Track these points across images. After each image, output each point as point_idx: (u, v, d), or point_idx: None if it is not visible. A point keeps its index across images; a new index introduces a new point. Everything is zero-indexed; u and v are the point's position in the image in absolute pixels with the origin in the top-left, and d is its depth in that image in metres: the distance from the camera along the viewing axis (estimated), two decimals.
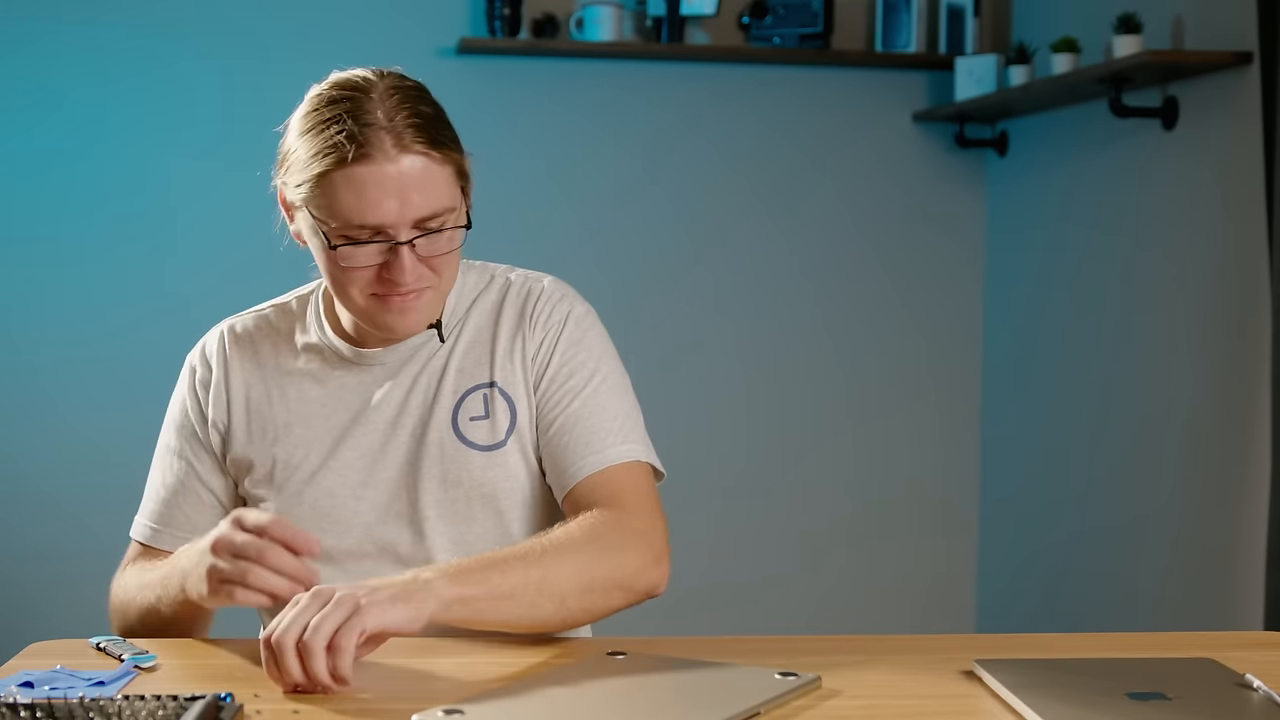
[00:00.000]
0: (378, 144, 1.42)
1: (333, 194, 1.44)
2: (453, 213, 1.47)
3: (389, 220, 1.43)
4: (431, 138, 1.45)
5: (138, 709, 1.09)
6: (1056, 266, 3.45)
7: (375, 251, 1.45)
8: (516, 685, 1.22)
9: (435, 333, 1.58)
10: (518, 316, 1.59)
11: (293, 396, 1.59)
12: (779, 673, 1.25)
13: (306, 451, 1.57)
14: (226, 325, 1.66)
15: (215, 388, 1.61)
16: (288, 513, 1.54)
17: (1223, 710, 1.17)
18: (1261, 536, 2.62)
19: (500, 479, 1.55)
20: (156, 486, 1.63)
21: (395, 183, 1.42)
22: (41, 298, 3.50)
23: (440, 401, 1.56)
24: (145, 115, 3.50)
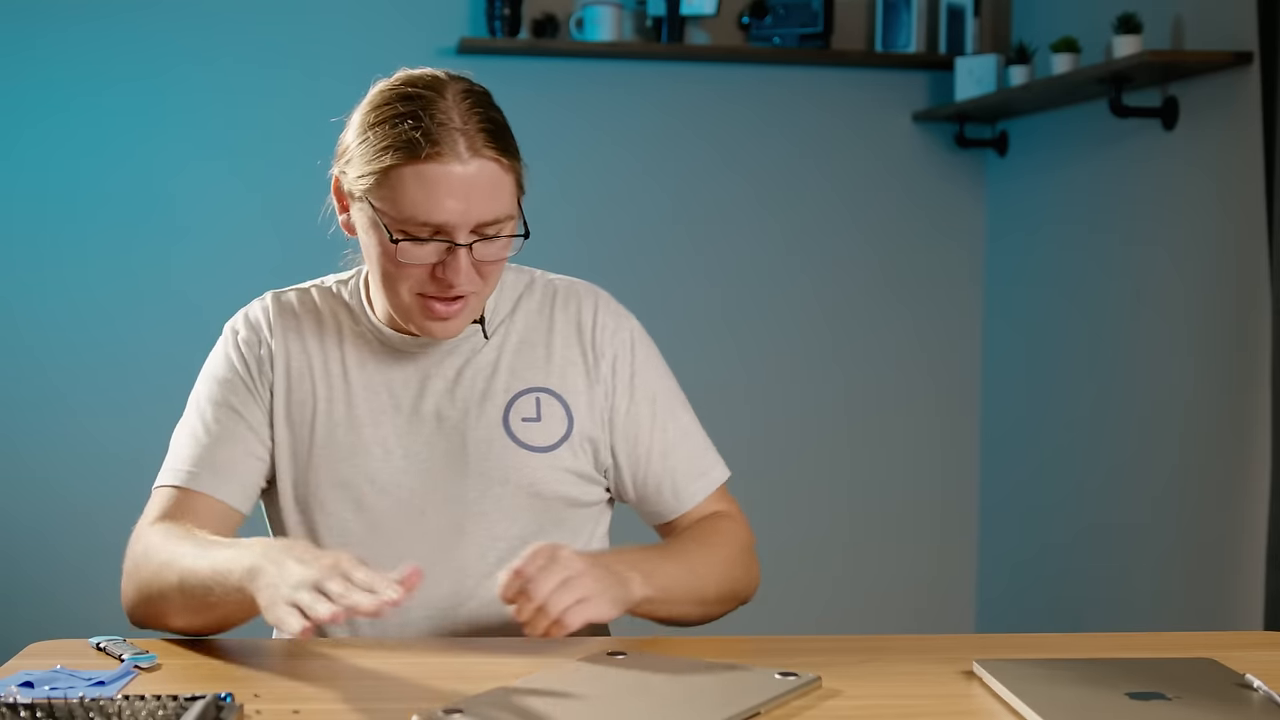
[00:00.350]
0: (450, 144, 1.42)
1: (400, 188, 1.44)
2: (511, 221, 1.48)
3: (452, 220, 1.43)
4: (502, 145, 1.45)
5: (138, 709, 1.09)
6: (1056, 266, 3.45)
7: (433, 250, 1.45)
8: (516, 685, 1.22)
9: (479, 327, 1.59)
10: (574, 325, 1.62)
11: (334, 374, 1.58)
12: (779, 673, 1.25)
13: (346, 431, 1.56)
14: (270, 296, 1.65)
15: (263, 350, 1.60)
16: (326, 490, 1.54)
17: (1223, 710, 1.17)
18: (1261, 536, 2.62)
19: (549, 481, 1.57)
20: (195, 435, 1.58)
21: (463, 185, 1.42)
22: (46, 296, 3.50)
23: (491, 399, 1.57)
24: (148, 115, 3.50)
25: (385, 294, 1.52)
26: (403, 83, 1.49)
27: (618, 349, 1.62)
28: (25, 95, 3.46)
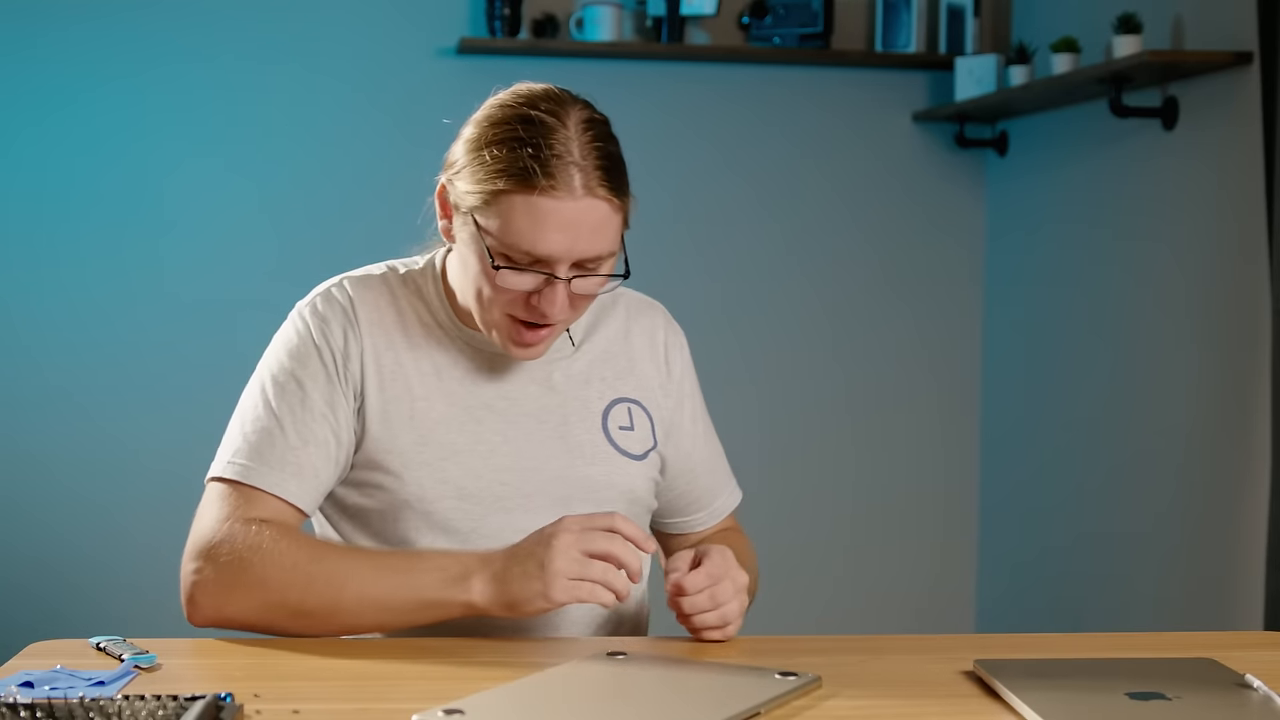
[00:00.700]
0: (566, 180, 1.40)
1: (508, 215, 1.42)
2: (612, 258, 1.48)
3: (556, 254, 1.42)
4: (616, 183, 1.44)
5: (138, 709, 1.09)
6: (1056, 266, 3.45)
7: (531, 280, 1.44)
8: (516, 685, 1.22)
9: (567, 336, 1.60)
10: (648, 338, 1.66)
11: (426, 369, 1.55)
12: (779, 673, 1.25)
13: (448, 428, 1.54)
14: (347, 281, 1.60)
15: (350, 341, 1.54)
16: (429, 488, 1.51)
17: (1223, 710, 1.17)
18: (1261, 537, 2.62)
19: (644, 487, 1.61)
20: (264, 425, 1.50)
21: (573, 222, 1.41)
22: (42, 293, 3.49)
23: (589, 407, 1.59)
24: (146, 114, 3.50)
25: (476, 307, 1.50)
26: (525, 103, 1.46)
27: (683, 365, 1.68)
28: (21, 94, 3.46)
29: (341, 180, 3.57)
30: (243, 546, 1.42)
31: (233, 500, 1.47)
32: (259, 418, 1.51)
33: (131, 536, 3.52)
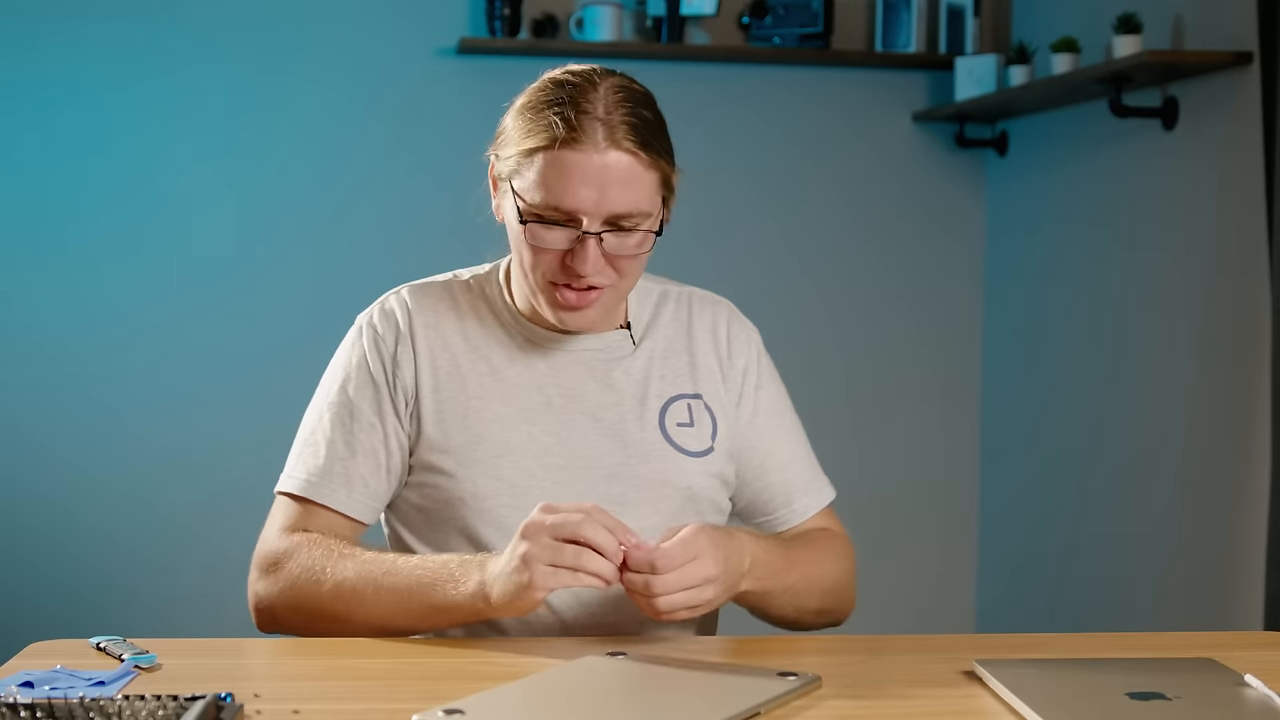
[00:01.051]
0: (590, 132, 1.43)
1: (536, 172, 1.45)
2: (648, 218, 1.48)
3: (583, 208, 1.44)
4: (643, 139, 1.45)
5: (138, 709, 1.09)
6: (1056, 266, 3.45)
7: (563, 237, 1.46)
8: (516, 685, 1.22)
9: (627, 334, 1.60)
10: (710, 334, 1.65)
11: (483, 370, 1.57)
12: (779, 673, 1.25)
13: (502, 426, 1.55)
14: (406, 290, 1.63)
15: (401, 349, 1.57)
16: (482, 486, 1.53)
17: (1223, 710, 1.17)
18: (1261, 537, 2.62)
19: (703, 486, 1.60)
20: (323, 441, 1.55)
21: (598, 174, 1.43)
22: (47, 292, 3.49)
23: (647, 404, 1.59)
24: (147, 116, 3.50)
25: (523, 281, 1.52)
26: (563, 71, 1.50)
27: (748, 360, 1.67)
28: (27, 94, 3.46)
29: (342, 179, 3.57)
30: (281, 555, 1.49)
31: (287, 512, 1.54)
32: (313, 431, 1.57)
33: (132, 537, 3.52)
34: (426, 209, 3.57)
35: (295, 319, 3.53)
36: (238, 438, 3.51)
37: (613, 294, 1.51)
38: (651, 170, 1.46)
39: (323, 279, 3.56)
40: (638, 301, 1.64)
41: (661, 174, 1.48)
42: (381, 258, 3.57)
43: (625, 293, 1.55)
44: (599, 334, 1.59)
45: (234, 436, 3.51)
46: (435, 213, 3.56)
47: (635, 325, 1.62)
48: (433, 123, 3.56)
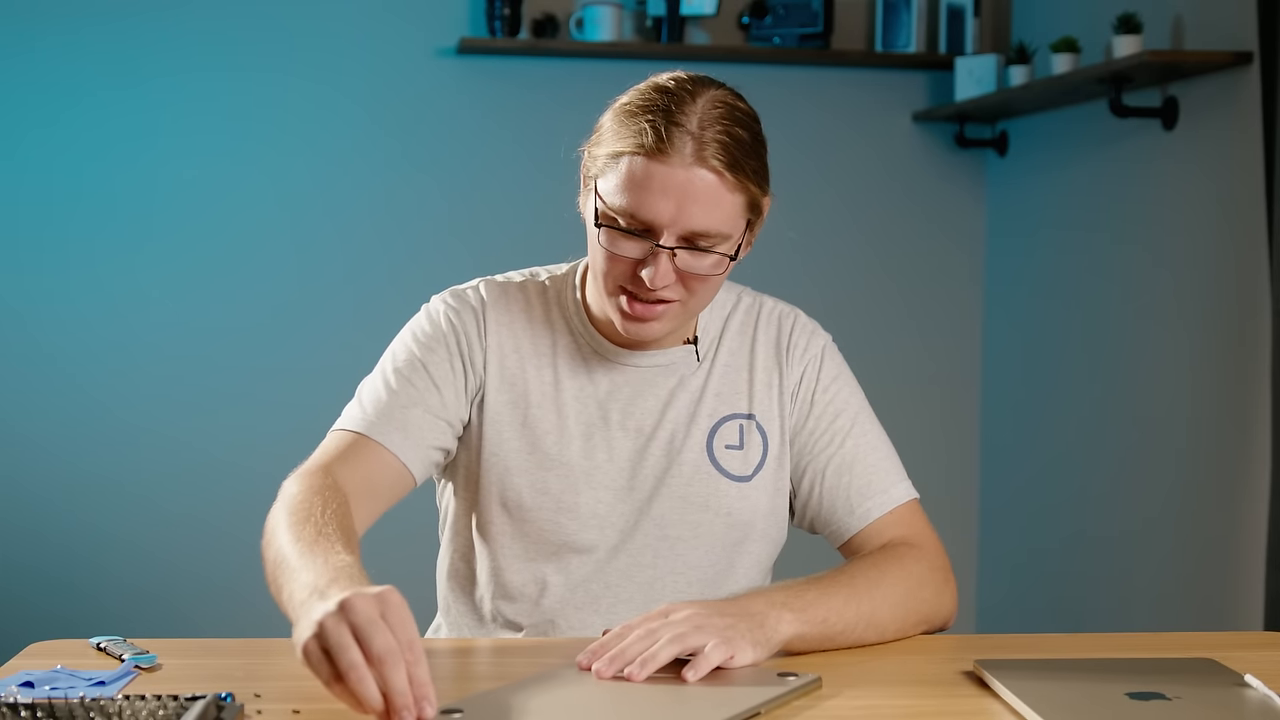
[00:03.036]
0: (679, 146, 1.40)
1: (619, 177, 1.42)
2: (726, 240, 1.44)
3: (660, 221, 1.41)
4: (732, 159, 1.41)
5: (138, 709, 1.09)
6: (1056, 266, 3.45)
7: (637, 247, 1.43)
8: (516, 685, 1.22)
9: (693, 349, 1.57)
10: (773, 347, 1.61)
11: (547, 378, 1.56)
12: (779, 673, 1.25)
13: (556, 439, 1.53)
14: (482, 284, 1.60)
15: (477, 334, 1.55)
16: (527, 496, 1.52)
17: (1223, 710, 1.17)
18: (1261, 537, 2.62)
19: (746, 510, 1.56)
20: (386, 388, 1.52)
21: (679, 189, 1.40)
22: (49, 291, 3.49)
23: (697, 423, 1.56)
24: (152, 113, 3.50)
25: (594, 286, 1.50)
26: (673, 79, 1.46)
27: (806, 365, 1.61)
28: (27, 96, 3.46)
29: (341, 179, 3.57)
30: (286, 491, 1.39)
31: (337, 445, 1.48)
32: (375, 388, 1.53)
33: (133, 537, 3.52)
34: (426, 208, 3.57)
35: (296, 318, 3.53)
36: (239, 438, 3.51)
37: (681, 310, 1.48)
38: (737, 193, 1.42)
39: (323, 279, 3.56)
40: (709, 315, 1.60)
41: (749, 197, 1.44)
42: (381, 257, 3.57)
43: (695, 312, 1.50)
44: (665, 349, 1.57)
45: (235, 436, 3.51)
46: (435, 212, 3.56)
47: (703, 339, 1.59)
48: (433, 122, 3.56)
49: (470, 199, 3.56)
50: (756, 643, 1.28)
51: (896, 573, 1.48)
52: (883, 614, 1.43)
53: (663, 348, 1.57)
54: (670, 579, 1.54)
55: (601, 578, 1.53)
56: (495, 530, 1.54)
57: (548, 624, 1.54)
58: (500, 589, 1.55)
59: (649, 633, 1.25)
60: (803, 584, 1.40)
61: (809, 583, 1.40)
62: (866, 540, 1.57)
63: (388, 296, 3.46)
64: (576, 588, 1.53)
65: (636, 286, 1.44)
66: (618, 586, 1.53)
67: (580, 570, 1.53)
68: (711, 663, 1.23)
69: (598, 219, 1.44)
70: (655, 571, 1.54)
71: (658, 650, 1.22)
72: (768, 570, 1.64)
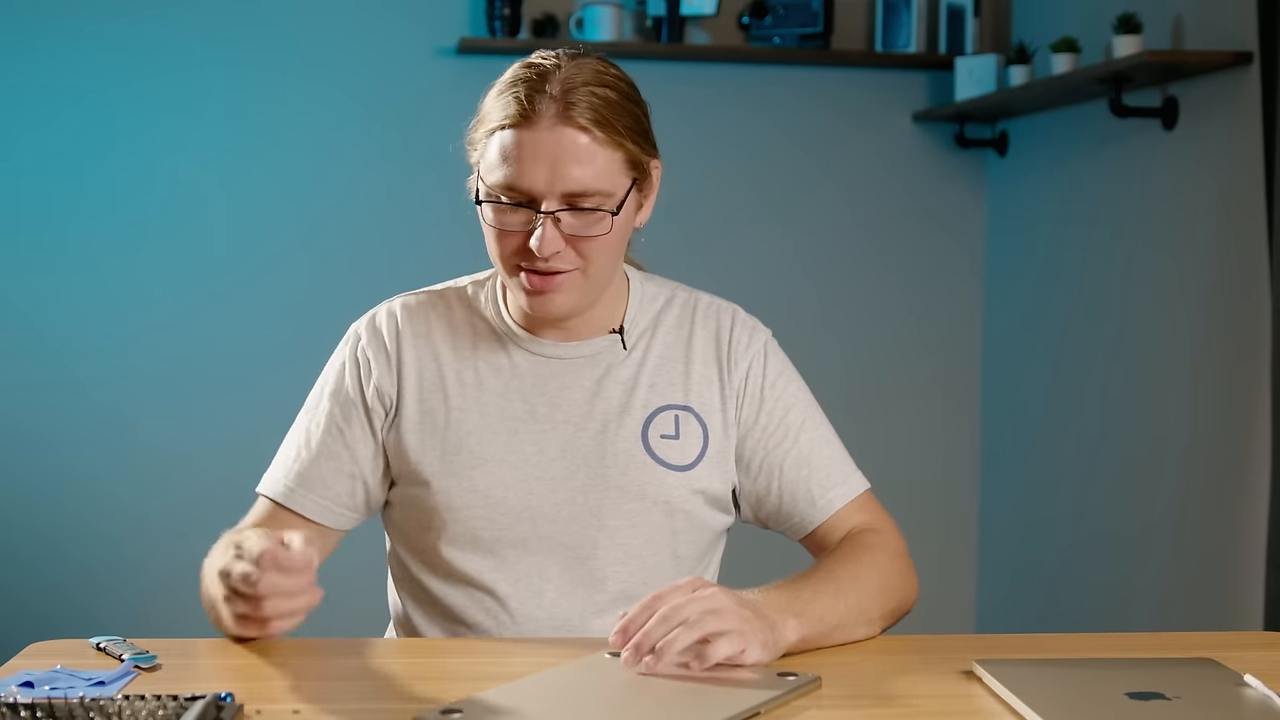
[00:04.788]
0: (543, 111, 1.42)
1: (495, 154, 1.45)
2: (608, 199, 1.44)
3: (536, 188, 1.42)
4: (600, 117, 1.43)
5: (138, 709, 1.09)
6: (1056, 266, 3.45)
7: (521, 219, 1.44)
8: (516, 685, 1.22)
9: (618, 338, 1.57)
10: (713, 342, 1.60)
11: (468, 380, 1.56)
12: (779, 673, 1.25)
13: (480, 437, 1.53)
14: (399, 301, 1.62)
15: (386, 360, 1.57)
16: (456, 497, 1.52)
17: (1223, 710, 1.17)
18: (1261, 537, 2.62)
19: (683, 500, 1.55)
20: (298, 446, 1.57)
21: (550, 152, 1.42)
22: (49, 290, 3.49)
23: (630, 413, 1.55)
24: (151, 113, 3.50)
25: (497, 270, 1.51)
26: (538, 53, 1.49)
27: (750, 361, 1.61)
28: (27, 96, 3.46)
29: (341, 179, 3.57)
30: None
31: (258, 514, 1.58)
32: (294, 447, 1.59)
33: (133, 537, 3.52)
34: (426, 208, 3.57)
35: (296, 318, 3.53)
36: (240, 438, 3.51)
37: (582, 280, 1.47)
38: (610, 149, 1.43)
39: (323, 278, 3.56)
40: (639, 306, 1.60)
41: (626, 154, 1.45)
42: (381, 257, 3.57)
43: (599, 281, 1.49)
44: (588, 339, 1.57)
45: (236, 437, 3.51)
46: (435, 212, 3.56)
47: (631, 330, 1.59)
48: (433, 123, 3.56)
49: (470, 198, 3.56)
50: (765, 644, 1.28)
51: (870, 563, 1.50)
52: (868, 604, 1.45)
53: (585, 337, 1.57)
54: (612, 569, 1.53)
55: (541, 571, 1.53)
56: (430, 536, 1.55)
57: (495, 624, 1.53)
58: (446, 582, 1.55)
59: (675, 609, 1.25)
60: (794, 584, 1.40)
61: (799, 583, 1.41)
62: (830, 531, 1.59)
63: (388, 295, 3.46)
64: (519, 581, 1.52)
65: (530, 260, 1.45)
66: (559, 579, 1.53)
67: (520, 564, 1.53)
68: (721, 654, 1.24)
69: (479, 199, 1.46)
70: (596, 562, 1.53)
71: (675, 639, 1.23)
72: (713, 561, 1.65)
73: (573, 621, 1.53)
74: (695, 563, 1.60)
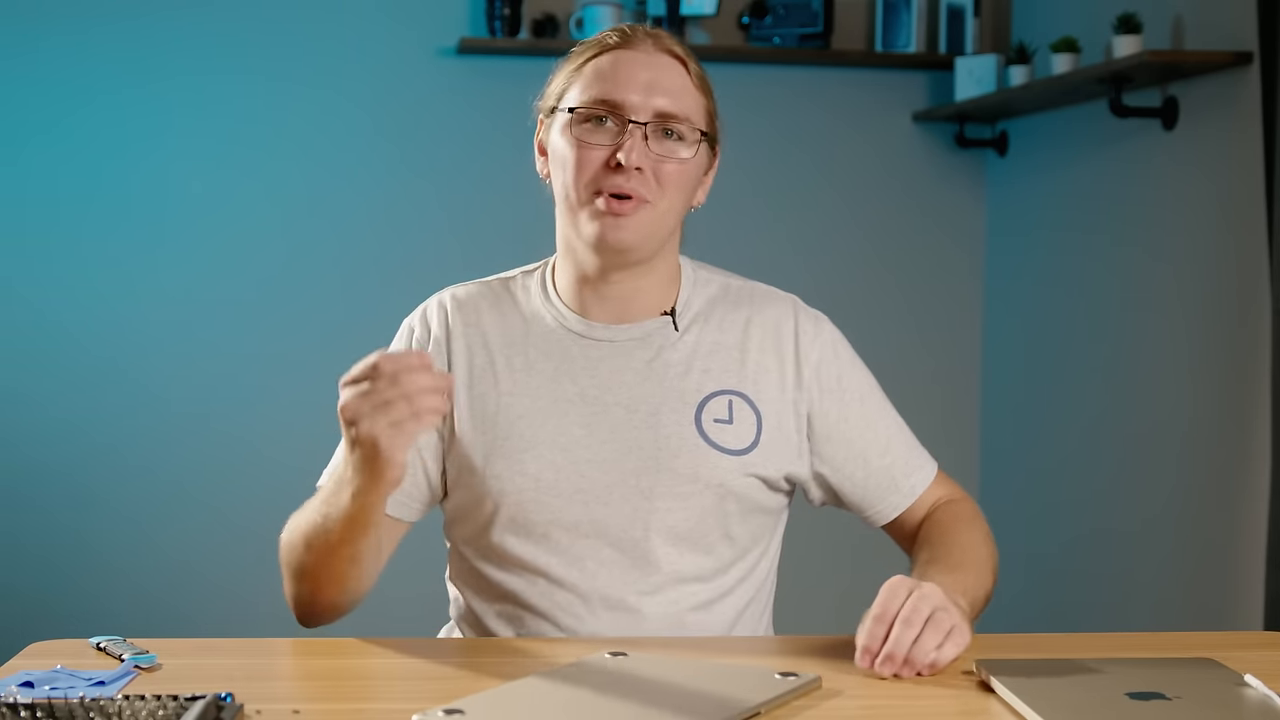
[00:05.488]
0: (640, 39, 1.52)
1: (587, 77, 1.51)
2: (695, 132, 1.52)
3: (633, 99, 1.48)
4: (695, 60, 1.53)
5: (138, 709, 1.09)
6: (1056, 266, 3.45)
7: (609, 133, 1.49)
8: (516, 685, 1.22)
9: (669, 320, 1.59)
10: (772, 331, 1.62)
11: (518, 365, 1.57)
12: (779, 673, 1.25)
13: (530, 421, 1.54)
14: (449, 293, 1.63)
15: (435, 350, 1.58)
16: (507, 481, 1.52)
17: (1223, 710, 1.17)
18: (1261, 537, 2.62)
19: (736, 484, 1.56)
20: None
21: (647, 68, 1.50)
22: (54, 291, 3.49)
23: (683, 397, 1.56)
24: (152, 112, 3.50)
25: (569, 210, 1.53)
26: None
27: (820, 353, 1.63)
28: (33, 98, 3.46)
29: (341, 179, 3.57)
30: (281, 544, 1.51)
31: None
32: None
33: (133, 537, 3.52)
34: (427, 208, 3.57)
35: (297, 318, 3.53)
36: (241, 438, 3.51)
37: (651, 214, 1.51)
38: (699, 92, 1.52)
39: (323, 277, 3.56)
40: (692, 290, 1.62)
41: (708, 109, 1.54)
42: (382, 257, 3.57)
43: (665, 221, 1.53)
44: (639, 321, 1.58)
45: (237, 437, 3.51)
46: (435, 212, 3.56)
47: (684, 314, 1.60)
48: (432, 122, 3.56)
49: (470, 198, 3.56)
50: (968, 635, 1.34)
51: (977, 532, 1.65)
52: (986, 576, 1.57)
53: (636, 319, 1.58)
54: (664, 551, 1.53)
55: (594, 553, 1.53)
56: (483, 520, 1.55)
57: (552, 605, 1.53)
58: (502, 567, 1.55)
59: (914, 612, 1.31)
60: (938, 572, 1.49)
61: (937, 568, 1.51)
62: (914, 512, 1.68)
63: (389, 297, 3.46)
64: (572, 565, 1.52)
65: (611, 183, 1.48)
66: (612, 562, 1.53)
67: (573, 547, 1.53)
68: (954, 653, 1.31)
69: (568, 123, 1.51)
70: (649, 545, 1.53)
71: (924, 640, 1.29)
72: (772, 543, 1.66)
73: (628, 602, 1.53)
74: (750, 545, 1.61)
